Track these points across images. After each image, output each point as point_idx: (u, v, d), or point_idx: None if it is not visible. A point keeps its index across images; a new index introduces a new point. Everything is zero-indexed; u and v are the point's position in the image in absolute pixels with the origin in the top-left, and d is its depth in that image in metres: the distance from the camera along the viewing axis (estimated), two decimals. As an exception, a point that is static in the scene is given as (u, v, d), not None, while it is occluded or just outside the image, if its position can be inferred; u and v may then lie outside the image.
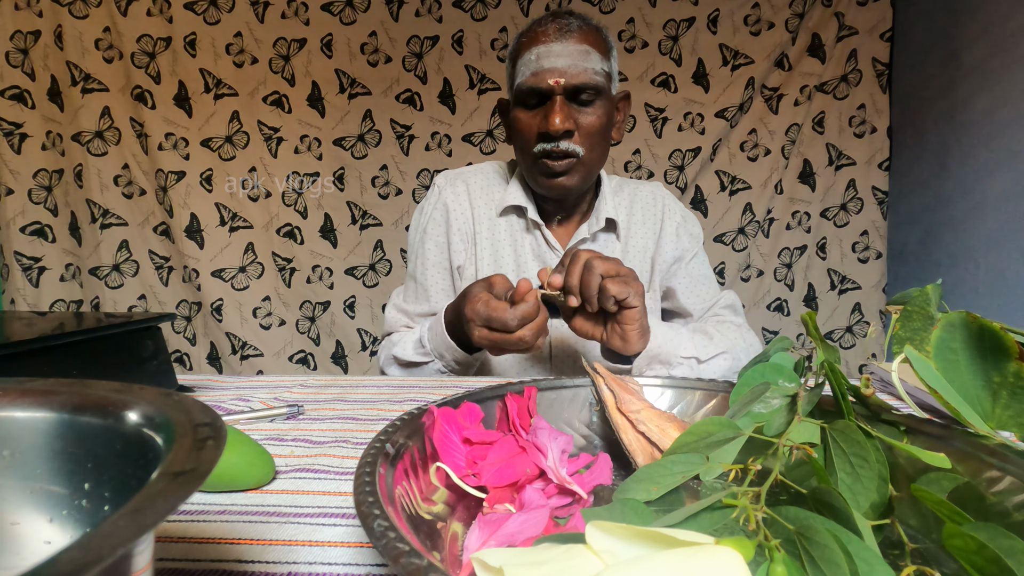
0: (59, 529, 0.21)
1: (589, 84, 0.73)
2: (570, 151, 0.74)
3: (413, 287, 0.88)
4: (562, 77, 0.72)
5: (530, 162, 0.78)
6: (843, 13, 1.82)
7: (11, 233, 1.82)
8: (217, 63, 1.87)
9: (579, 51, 0.72)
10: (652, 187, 0.91)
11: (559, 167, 0.75)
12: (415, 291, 0.88)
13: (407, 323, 0.88)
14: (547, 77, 0.72)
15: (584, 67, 0.72)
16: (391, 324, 0.89)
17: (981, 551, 0.20)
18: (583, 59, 0.72)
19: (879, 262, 1.92)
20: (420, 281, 0.87)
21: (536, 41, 0.74)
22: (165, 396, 0.21)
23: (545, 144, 0.74)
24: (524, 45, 0.75)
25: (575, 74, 0.72)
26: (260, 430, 0.47)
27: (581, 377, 0.45)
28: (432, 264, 0.87)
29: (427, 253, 0.87)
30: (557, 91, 0.72)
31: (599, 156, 0.79)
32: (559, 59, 0.72)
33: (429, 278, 0.87)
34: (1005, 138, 1.39)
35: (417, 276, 0.88)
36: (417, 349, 0.77)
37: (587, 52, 0.73)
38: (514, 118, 0.78)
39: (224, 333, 1.92)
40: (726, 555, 0.18)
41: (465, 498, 0.32)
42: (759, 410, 0.35)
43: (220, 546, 0.29)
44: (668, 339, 0.68)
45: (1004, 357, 0.31)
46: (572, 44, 0.72)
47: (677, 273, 0.87)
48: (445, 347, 0.73)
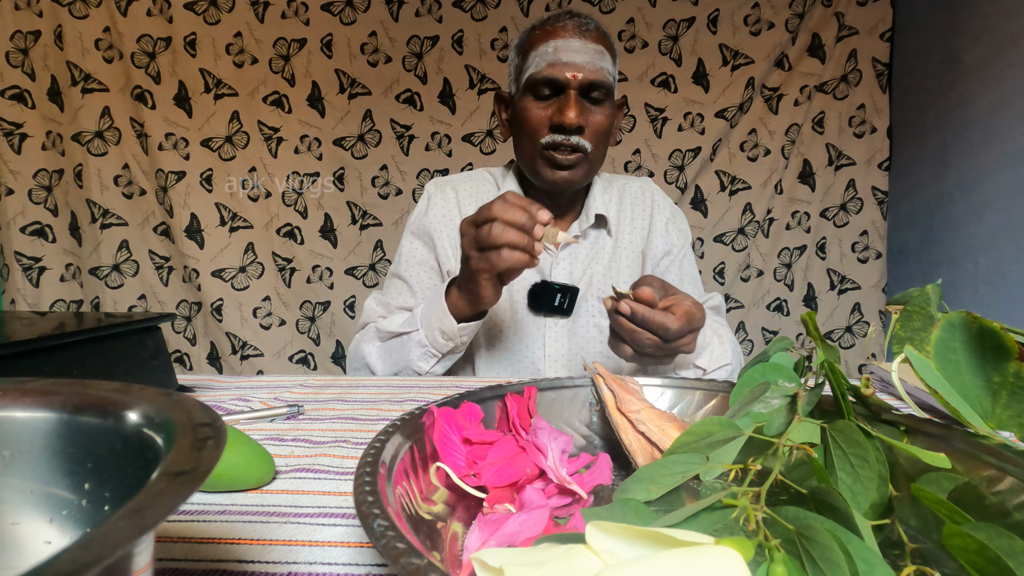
0: (59, 529, 0.21)
1: (603, 83, 0.74)
2: (580, 146, 0.75)
3: (396, 284, 0.87)
4: (580, 72, 0.73)
5: (535, 152, 0.78)
6: (843, 13, 1.82)
7: (11, 233, 1.82)
8: (217, 63, 1.87)
9: (596, 50, 0.74)
10: (641, 182, 0.91)
11: (567, 160, 0.76)
12: (397, 287, 0.87)
13: (384, 314, 0.85)
14: (565, 70, 0.73)
15: (600, 66, 0.74)
16: (368, 315, 0.86)
17: (981, 551, 0.20)
18: (599, 58, 0.74)
19: (879, 262, 1.92)
20: (404, 277, 0.86)
21: (554, 35, 0.74)
22: (165, 396, 0.21)
23: (556, 136, 0.75)
24: (539, 37, 0.76)
25: (592, 71, 0.73)
26: (260, 430, 0.47)
27: (581, 377, 0.45)
28: (418, 262, 0.86)
29: (414, 251, 0.87)
30: (573, 85, 0.73)
31: (602, 155, 0.80)
32: (578, 55, 0.73)
33: (413, 275, 0.86)
34: (1005, 138, 1.39)
35: (401, 272, 0.87)
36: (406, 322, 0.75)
37: (602, 53, 0.75)
38: (522, 107, 0.78)
39: (224, 333, 1.92)
40: (726, 555, 0.18)
41: (465, 498, 0.32)
42: (759, 410, 0.35)
43: (220, 546, 0.29)
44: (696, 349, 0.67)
45: (1004, 357, 0.31)
46: (590, 43, 0.74)
47: (669, 270, 0.87)
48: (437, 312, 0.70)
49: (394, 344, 0.76)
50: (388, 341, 0.77)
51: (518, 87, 0.79)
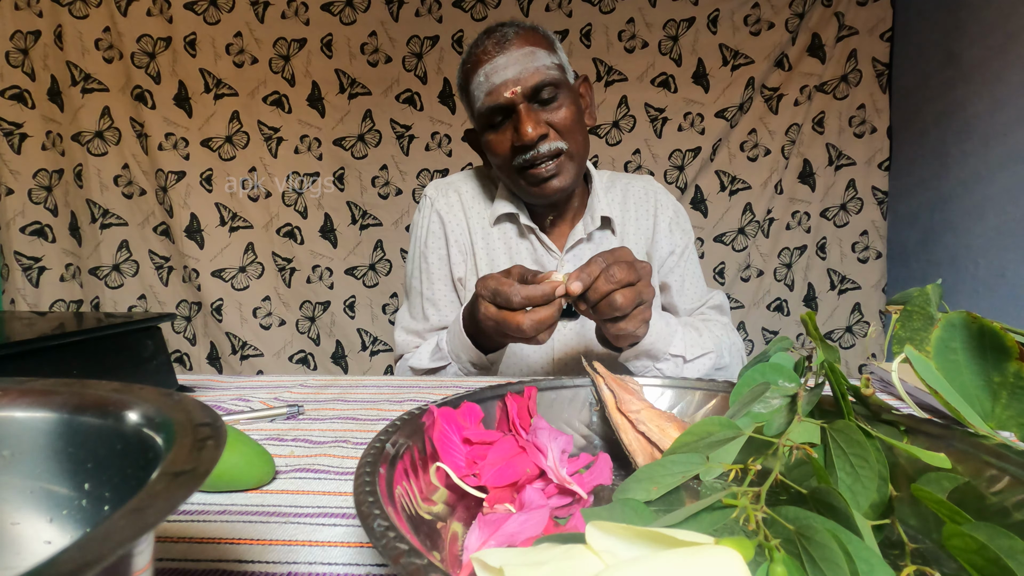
0: (59, 529, 0.21)
1: (545, 81, 0.72)
2: (552, 150, 0.73)
3: (420, 304, 0.87)
4: (516, 85, 0.71)
5: (514, 178, 0.77)
6: (843, 13, 1.82)
7: (11, 233, 1.82)
8: (217, 63, 1.87)
9: (523, 55, 0.71)
10: (644, 181, 0.90)
11: (546, 171, 0.74)
12: (423, 308, 0.87)
13: (418, 342, 0.86)
14: (503, 91, 0.71)
15: (535, 67, 0.71)
16: (402, 347, 0.87)
17: (981, 551, 0.20)
18: (530, 60, 0.71)
19: (879, 262, 1.92)
20: (428, 297, 0.86)
21: (480, 63, 0.73)
22: (165, 396, 0.21)
23: (523, 156, 0.73)
24: (470, 71, 0.75)
25: (527, 77, 0.71)
26: (260, 430, 0.47)
27: (581, 377, 0.45)
28: (438, 278, 0.86)
29: (431, 268, 0.86)
30: (517, 100, 0.71)
31: (582, 144, 0.78)
32: (508, 70, 0.71)
33: (437, 292, 0.86)
34: (1005, 138, 1.39)
35: (424, 292, 0.87)
36: (434, 355, 0.76)
37: (531, 53, 0.72)
38: (486, 143, 0.77)
39: (224, 333, 1.92)
40: (726, 555, 0.18)
41: (465, 498, 0.32)
42: (759, 410, 0.35)
43: (220, 546, 0.29)
44: (660, 335, 0.67)
45: (1004, 357, 0.31)
46: (514, 51, 0.71)
47: (674, 270, 0.87)
48: (462, 347, 0.72)
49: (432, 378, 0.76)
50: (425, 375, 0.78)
51: (476, 124, 0.79)
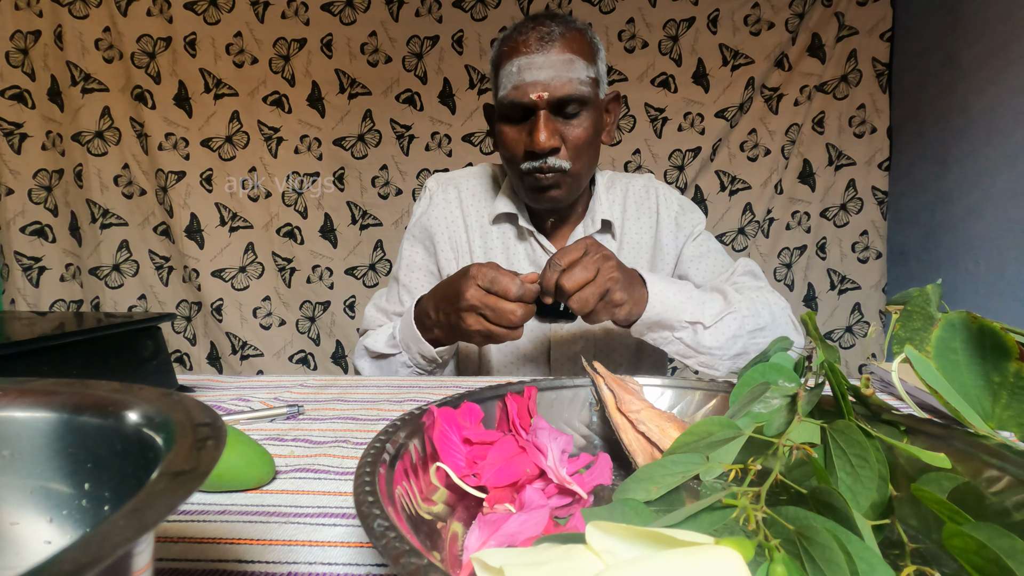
0: (59, 529, 0.21)
1: (574, 96, 0.69)
2: (556, 167, 0.72)
3: (396, 288, 0.88)
4: (545, 91, 0.68)
5: (518, 176, 0.76)
6: (843, 13, 1.82)
7: (11, 233, 1.82)
8: (217, 63, 1.86)
9: (562, 61, 0.68)
10: (645, 180, 0.89)
11: (547, 180, 0.73)
12: (397, 292, 0.87)
13: (384, 322, 0.86)
14: (529, 91, 0.69)
15: (568, 78, 0.69)
16: (368, 322, 0.87)
17: (981, 551, 0.20)
18: (567, 69, 0.69)
19: (879, 262, 1.92)
20: (404, 283, 0.87)
21: (517, 52, 0.70)
22: (165, 396, 0.21)
23: (532, 162, 0.72)
24: (505, 55, 0.72)
25: (559, 87, 0.68)
26: (260, 430, 0.47)
27: (581, 377, 0.45)
28: (418, 267, 0.87)
29: (414, 255, 0.87)
30: (541, 105, 0.69)
31: (587, 166, 0.76)
32: (541, 72, 0.68)
33: (413, 280, 0.86)
34: (1005, 138, 1.39)
35: (400, 277, 0.87)
36: (389, 341, 0.77)
37: (571, 61, 0.69)
38: (499, 132, 0.75)
39: (224, 333, 1.92)
40: (726, 555, 0.18)
41: (465, 498, 0.32)
42: (759, 410, 0.35)
43: (220, 546, 0.29)
44: (669, 305, 0.66)
45: (1004, 357, 0.31)
46: (555, 54, 0.69)
47: (693, 258, 0.85)
48: (412, 338, 0.72)
49: (383, 363, 0.78)
50: (377, 359, 0.78)
51: (496, 108, 0.77)
